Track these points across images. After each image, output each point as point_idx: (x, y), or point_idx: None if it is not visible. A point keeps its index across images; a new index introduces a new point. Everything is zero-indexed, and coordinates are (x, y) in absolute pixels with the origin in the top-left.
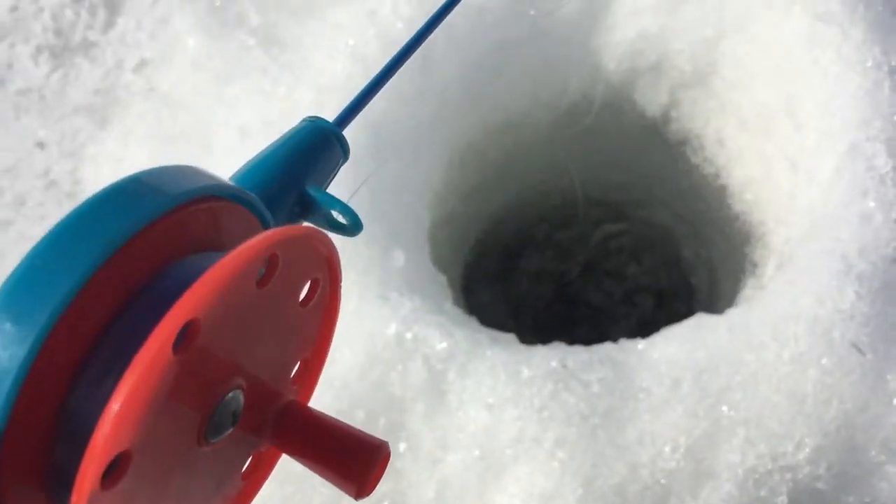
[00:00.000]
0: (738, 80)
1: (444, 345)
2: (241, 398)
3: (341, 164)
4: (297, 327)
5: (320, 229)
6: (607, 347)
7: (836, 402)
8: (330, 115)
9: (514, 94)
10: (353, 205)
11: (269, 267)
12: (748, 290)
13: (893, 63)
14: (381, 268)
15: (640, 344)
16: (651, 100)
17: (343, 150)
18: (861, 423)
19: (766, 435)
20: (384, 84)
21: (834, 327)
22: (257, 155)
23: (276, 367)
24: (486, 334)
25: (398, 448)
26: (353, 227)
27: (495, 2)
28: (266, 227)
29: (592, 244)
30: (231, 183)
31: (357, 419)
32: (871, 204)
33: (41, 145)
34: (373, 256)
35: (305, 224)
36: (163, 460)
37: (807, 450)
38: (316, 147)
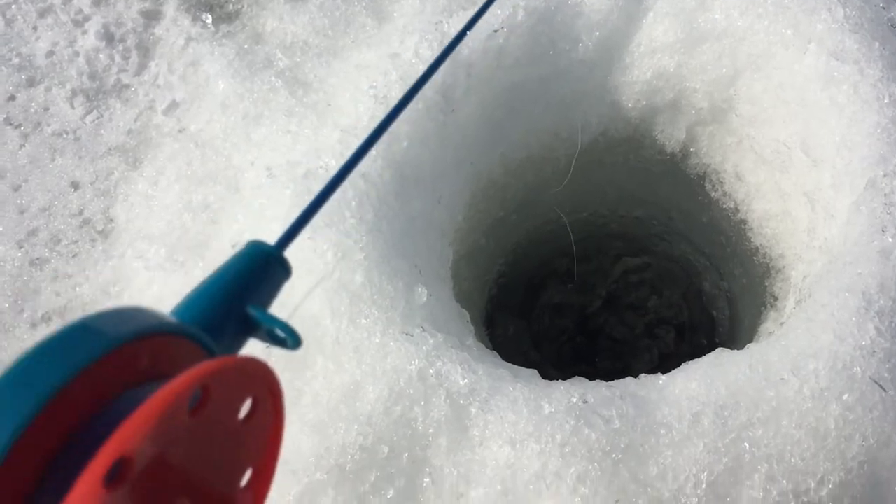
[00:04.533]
0: (754, 116)
1: (467, 381)
2: None
3: (285, 281)
4: (240, 441)
5: (252, 357)
6: (628, 383)
7: (859, 437)
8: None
9: (535, 132)
10: (379, 241)
11: (202, 396)
12: (769, 324)
13: None
14: (405, 304)
15: (661, 379)
16: (669, 136)
17: (285, 270)
18: (884, 459)
19: (789, 471)
20: (328, 200)
21: (855, 363)
22: (202, 282)
23: (224, 478)
24: (507, 369)
25: (422, 483)
26: (293, 343)
27: (514, 42)
28: (209, 351)
29: (613, 277)
30: (171, 320)
31: (381, 455)
32: (890, 240)
33: (75, 185)
34: (396, 293)
35: (240, 354)
36: None
37: (830, 486)
38: (256, 271)
